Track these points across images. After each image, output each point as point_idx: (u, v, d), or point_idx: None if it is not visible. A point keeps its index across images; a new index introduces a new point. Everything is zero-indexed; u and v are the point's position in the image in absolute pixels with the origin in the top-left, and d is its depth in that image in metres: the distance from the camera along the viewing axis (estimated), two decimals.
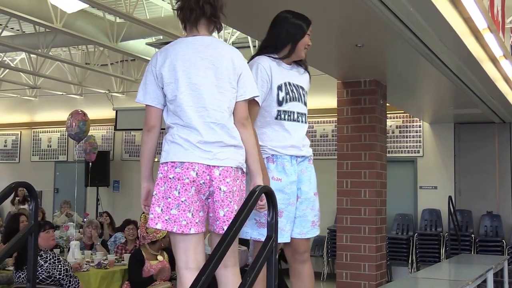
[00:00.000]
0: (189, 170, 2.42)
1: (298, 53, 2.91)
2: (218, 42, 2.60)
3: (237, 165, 2.48)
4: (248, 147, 2.52)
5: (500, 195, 9.65)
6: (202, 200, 2.46)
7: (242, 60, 2.58)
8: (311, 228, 2.94)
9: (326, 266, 10.05)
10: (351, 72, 6.52)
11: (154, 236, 5.31)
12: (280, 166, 2.82)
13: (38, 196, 2.77)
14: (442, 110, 9.04)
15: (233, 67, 2.51)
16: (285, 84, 2.86)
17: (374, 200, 6.55)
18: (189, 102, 2.45)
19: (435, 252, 9.52)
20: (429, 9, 4.12)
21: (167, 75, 2.47)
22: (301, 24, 2.91)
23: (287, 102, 2.84)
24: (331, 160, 8.43)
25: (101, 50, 10.73)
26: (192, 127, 2.44)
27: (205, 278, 1.84)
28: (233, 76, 2.51)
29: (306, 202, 2.92)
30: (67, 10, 7.44)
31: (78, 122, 9.98)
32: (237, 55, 2.57)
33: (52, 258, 4.75)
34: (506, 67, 6.57)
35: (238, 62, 2.54)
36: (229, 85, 2.50)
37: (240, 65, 2.54)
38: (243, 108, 2.54)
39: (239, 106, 2.53)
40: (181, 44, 2.54)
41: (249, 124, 2.56)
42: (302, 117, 2.91)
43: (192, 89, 2.45)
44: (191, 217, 2.43)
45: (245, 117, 2.54)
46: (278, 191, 2.73)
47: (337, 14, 4.51)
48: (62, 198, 11.57)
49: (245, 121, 2.54)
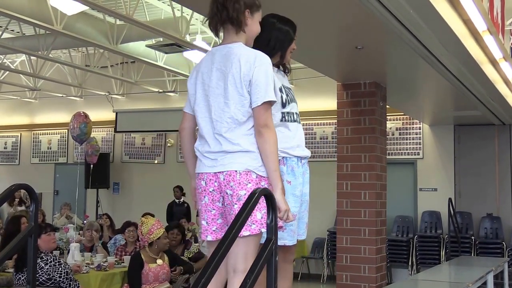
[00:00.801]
0: (201, 180, 2.54)
1: (287, 58, 2.95)
2: (233, 49, 2.52)
3: (245, 169, 2.44)
4: (262, 156, 2.46)
5: (500, 197, 9.65)
6: (220, 207, 2.51)
7: (252, 64, 2.47)
8: (305, 230, 2.96)
9: (326, 268, 10.04)
10: (351, 74, 6.52)
11: (148, 237, 5.31)
12: (289, 168, 2.83)
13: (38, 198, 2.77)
14: (442, 112, 9.04)
15: (241, 74, 2.45)
16: (282, 86, 2.88)
17: (374, 202, 6.55)
18: (202, 114, 2.55)
19: (435, 254, 9.52)
20: (429, 11, 4.13)
21: (192, 87, 2.61)
22: (289, 30, 2.90)
23: (288, 104, 2.86)
24: (331, 162, 8.43)
25: (101, 52, 10.74)
26: (203, 139, 2.55)
27: (204, 280, 1.83)
28: (242, 83, 2.45)
29: (305, 204, 2.93)
30: (67, 12, 7.44)
31: (80, 124, 10.00)
32: (246, 60, 2.47)
33: (52, 260, 4.74)
34: (506, 69, 6.57)
35: (247, 67, 2.45)
36: (236, 94, 2.46)
37: (250, 70, 2.45)
38: (258, 115, 2.45)
39: (255, 113, 2.46)
40: (207, 56, 2.63)
41: (266, 132, 2.44)
42: (298, 117, 2.95)
43: (205, 100, 2.54)
44: (206, 225, 2.55)
45: (261, 124, 2.44)
46: (291, 195, 2.76)
47: (337, 16, 4.51)
48: (62, 200, 11.58)
49: (261, 129, 2.44)
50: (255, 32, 2.63)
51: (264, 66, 2.48)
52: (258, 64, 2.47)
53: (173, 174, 11.65)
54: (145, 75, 11.62)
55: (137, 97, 12.53)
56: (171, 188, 10.87)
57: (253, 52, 2.52)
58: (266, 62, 2.50)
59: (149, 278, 5.26)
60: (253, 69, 2.46)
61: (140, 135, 12.64)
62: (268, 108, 2.47)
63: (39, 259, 4.60)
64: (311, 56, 5.69)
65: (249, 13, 2.57)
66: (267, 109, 2.47)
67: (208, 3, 2.60)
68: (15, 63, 12.40)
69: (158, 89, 12.04)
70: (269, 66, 2.51)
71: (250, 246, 2.43)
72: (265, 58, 2.51)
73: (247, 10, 2.55)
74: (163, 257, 5.46)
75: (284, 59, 2.93)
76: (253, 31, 2.61)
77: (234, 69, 2.47)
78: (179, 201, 10.74)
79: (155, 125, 12.08)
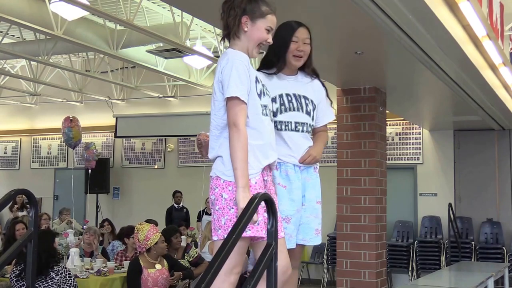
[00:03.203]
0: None
1: (289, 64, 2.91)
2: (221, 55, 2.62)
3: (215, 174, 2.53)
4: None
5: (500, 202, 9.64)
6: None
7: (221, 63, 2.52)
8: (314, 235, 2.95)
9: (326, 273, 10.02)
10: (351, 79, 6.53)
11: (146, 244, 5.30)
12: (284, 173, 2.85)
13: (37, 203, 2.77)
14: (442, 117, 9.05)
15: (217, 78, 2.53)
16: (280, 96, 2.87)
17: (374, 207, 6.54)
18: None
19: (435, 260, 9.50)
20: (429, 17, 4.14)
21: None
22: (282, 34, 2.87)
23: (282, 113, 2.85)
24: (331, 167, 8.41)
25: (101, 57, 10.76)
26: None
27: (204, 285, 1.83)
28: (217, 86, 2.53)
29: (310, 209, 2.93)
30: (67, 18, 7.46)
31: (65, 128, 9.99)
32: (220, 61, 2.55)
33: (63, 272, 4.76)
34: (505, 75, 6.58)
35: (219, 68, 2.53)
36: (213, 100, 2.55)
37: (219, 71, 2.51)
38: (227, 113, 2.49)
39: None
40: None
41: (231, 130, 2.45)
42: (303, 127, 2.90)
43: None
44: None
45: (229, 122, 2.47)
46: (286, 198, 2.79)
47: (337, 21, 4.52)
48: (61, 205, 11.54)
49: (228, 127, 2.48)
50: (257, 39, 2.59)
51: (230, 63, 2.49)
52: (224, 64, 2.50)
53: (173, 179, 11.65)
54: (145, 80, 11.63)
55: (137, 102, 12.54)
56: (171, 193, 10.86)
57: (224, 53, 2.58)
58: (232, 59, 2.50)
59: (148, 283, 5.24)
60: (220, 68, 2.51)
61: (140, 140, 12.65)
62: (234, 106, 2.44)
63: (50, 270, 4.66)
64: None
65: (249, 19, 2.57)
66: (233, 106, 2.44)
67: (207, 8, 2.63)
68: (15, 68, 12.42)
69: (158, 94, 12.06)
70: (234, 63, 2.47)
71: (242, 250, 2.50)
72: (231, 55, 2.51)
73: (245, 17, 2.56)
74: (162, 262, 5.45)
75: (285, 65, 2.91)
76: (254, 38, 2.59)
77: (216, 74, 2.55)
78: (178, 206, 10.73)
79: (155, 130, 12.10)
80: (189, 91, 11.79)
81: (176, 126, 11.73)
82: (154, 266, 5.34)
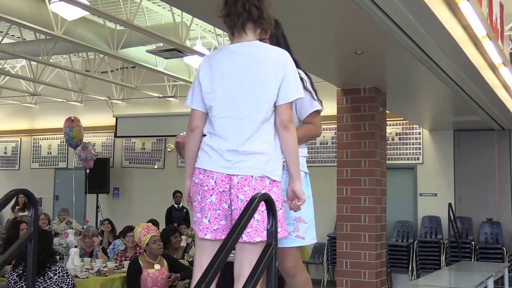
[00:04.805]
0: (209, 178, 2.48)
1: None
2: (260, 48, 2.52)
3: (261, 175, 2.44)
4: (284, 150, 2.50)
5: (500, 202, 9.64)
6: (226, 209, 2.47)
7: (285, 63, 2.49)
8: None
9: (326, 273, 10.02)
10: (351, 79, 6.54)
11: (140, 244, 5.30)
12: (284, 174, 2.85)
13: (38, 203, 2.76)
14: (442, 117, 9.05)
15: (275, 72, 2.45)
16: None
17: (374, 207, 6.54)
18: (223, 113, 2.48)
19: (435, 260, 9.50)
20: (428, 17, 4.14)
21: (207, 85, 2.52)
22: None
23: None
24: (331, 167, 8.43)
25: (101, 57, 10.75)
26: (221, 136, 2.48)
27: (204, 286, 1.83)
28: (272, 82, 2.45)
29: None
30: (67, 18, 7.46)
31: (66, 128, 10.03)
32: (279, 59, 2.49)
33: (61, 271, 4.76)
34: (505, 75, 6.58)
35: (279, 66, 2.46)
36: (263, 93, 2.45)
37: (283, 69, 2.47)
38: (283, 112, 2.47)
39: (279, 110, 2.47)
40: (223, 53, 2.56)
41: (291, 127, 2.49)
42: None
43: (228, 99, 2.48)
44: (208, 223, 2.48)
45: (287, 119, 2.48)
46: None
47: (337, 21, 4.53)
48: (62, 205, 11.55)
49: (287, 124, 2.48)
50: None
51: (292, 65, 2.53)
52: (288, 62, 2.51)
53: (173, 179, 11.64)
54: (145, 80, 11.63)
55: (137, 102, 12.54)
56: (171, 193, 10.86)
57: (279, 52, 2.53)
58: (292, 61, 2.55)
59: (147, 283, 5.24)
60: (286, 67, 2.49)
61: (140, 140, 12.65)
62: (289, 109, 2.51)
63: (47, 269, 4.64)
64: (311, 61, 5.70)
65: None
66: (291, 106, 2.51)
67: (207, 8, 2.60)
68: (15, 68, 12.42)
69: (158, 94, 12.06)
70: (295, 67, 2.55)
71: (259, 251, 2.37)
72: (290, 57, 2.56)
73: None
74: (161, 262, 5.44)
75: None
76: None
77: (266, 67, 2.46)
78: (178, 206, 10.72)
79: (155, 130, 12.10)
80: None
81: (176, 126, 11.73)
82: (153, 266, 5.34)
